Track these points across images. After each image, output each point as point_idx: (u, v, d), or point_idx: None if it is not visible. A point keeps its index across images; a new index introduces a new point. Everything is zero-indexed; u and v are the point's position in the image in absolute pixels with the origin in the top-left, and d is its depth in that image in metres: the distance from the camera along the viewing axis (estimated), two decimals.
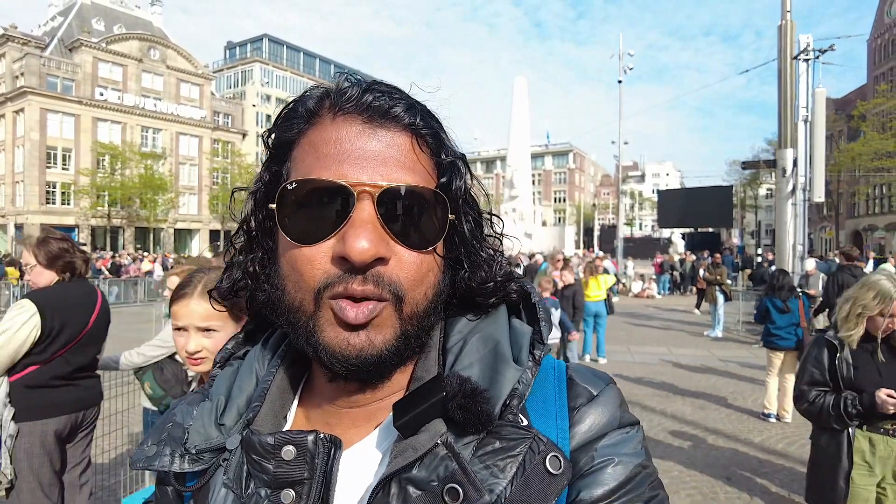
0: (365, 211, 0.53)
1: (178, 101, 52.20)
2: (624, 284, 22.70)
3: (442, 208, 0.57)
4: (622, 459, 0.56)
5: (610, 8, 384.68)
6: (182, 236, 51.93)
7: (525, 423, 0.56)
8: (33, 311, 2.56)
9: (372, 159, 0.54)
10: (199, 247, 50.76)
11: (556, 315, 7.26)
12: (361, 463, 0.58)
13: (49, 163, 44.01)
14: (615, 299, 12.30)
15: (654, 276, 24.89)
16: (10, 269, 17.95)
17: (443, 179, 0.59)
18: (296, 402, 0.66)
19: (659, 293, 23.31)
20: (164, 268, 24.96)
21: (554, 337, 7.03)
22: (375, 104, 0.56)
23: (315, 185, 0.54)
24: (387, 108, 0.56)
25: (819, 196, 12.61)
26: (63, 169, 44.68)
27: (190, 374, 3.32)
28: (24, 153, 43.33)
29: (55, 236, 2.76)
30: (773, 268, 12.13)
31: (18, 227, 39.98)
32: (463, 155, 0.62)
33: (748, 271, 23.25)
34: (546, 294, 7.66)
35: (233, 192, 0.69)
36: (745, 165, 26.64)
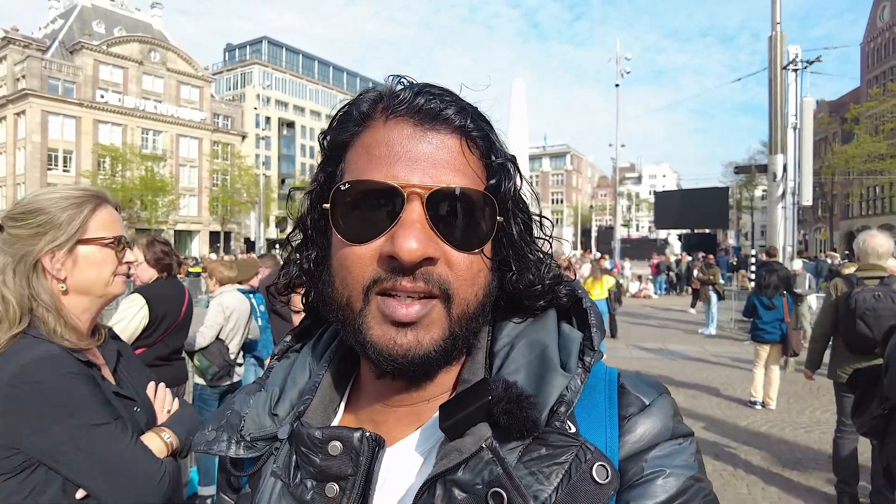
0: (415, 212, 0.54)
1: (178, 103, 52.65)
2: (621, 285, 23.25)
3: (490, 210, 0.58)
4: (674, 471, 0.55)
5: (608, 10, 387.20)
6: (182, 238, 52.19)
7: (573, 430, 0.55)
8: (143, 304, 3.10)
9: (422, 161, 0.55)
10: (199, 248, 51.11)
11: None
12: (403, 462, 0.60)
13: (50, 165, 44.41)
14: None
15: (650, 277, 25.49)
16: None
17: (492, 181, 0.59)
18: (345, 397, 0.68)
19: (655, 293, 23.94)
20: None
21: None
22: (427, 107, 0.57)
23: (366, 186, 0.56)
24: (438, 110, 0.57)
25: (807, 199, 13.24)
26: (64, 171, 45.05)
27: (231, 350, 4.08)
28: (25, 155, 43.72)
29: (160, 241, 3.34)
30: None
31: None
32: (513, 157, 0.62)
33: (743, 272, 23.83)
34: None
35: (290, 192, 0.72)
36: (738, 170, 27.24)
